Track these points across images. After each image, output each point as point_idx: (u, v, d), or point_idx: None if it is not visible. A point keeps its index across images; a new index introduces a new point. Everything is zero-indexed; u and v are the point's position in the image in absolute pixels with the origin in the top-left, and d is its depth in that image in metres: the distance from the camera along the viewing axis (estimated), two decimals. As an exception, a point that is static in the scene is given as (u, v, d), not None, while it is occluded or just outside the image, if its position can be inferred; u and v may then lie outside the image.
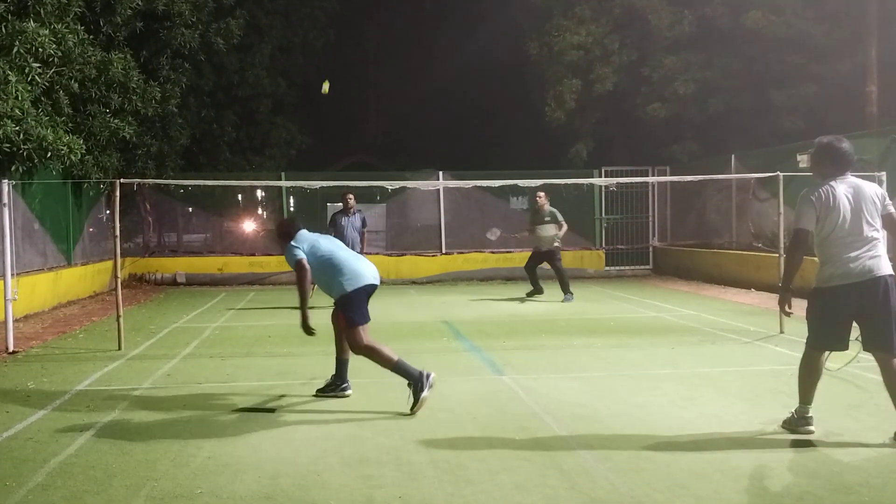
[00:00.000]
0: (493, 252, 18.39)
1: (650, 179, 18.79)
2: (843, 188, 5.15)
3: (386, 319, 11.55)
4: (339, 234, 12.57)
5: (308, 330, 6.18)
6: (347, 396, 6.54)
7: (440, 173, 18.49)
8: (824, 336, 5.22)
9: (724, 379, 7.13)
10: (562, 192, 18.96)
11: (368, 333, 6.20)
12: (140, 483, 4.52)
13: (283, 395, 6.64)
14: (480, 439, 5.34)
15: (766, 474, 4.59)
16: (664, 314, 11.98)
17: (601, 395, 6.60)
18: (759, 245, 15.28)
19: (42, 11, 11.32)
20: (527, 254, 15.14)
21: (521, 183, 14.09)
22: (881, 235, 5.18)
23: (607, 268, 19.31)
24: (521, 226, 14.70)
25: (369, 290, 6.29)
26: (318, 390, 6.65)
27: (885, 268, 5.10)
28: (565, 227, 14.08)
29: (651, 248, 19.82)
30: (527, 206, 21.14)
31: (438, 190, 18.34)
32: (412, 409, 5.94)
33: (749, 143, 17.77)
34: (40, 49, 10.96)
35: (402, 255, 18.42)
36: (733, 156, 16.76)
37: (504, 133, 26.81)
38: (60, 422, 5.91)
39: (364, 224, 13.41)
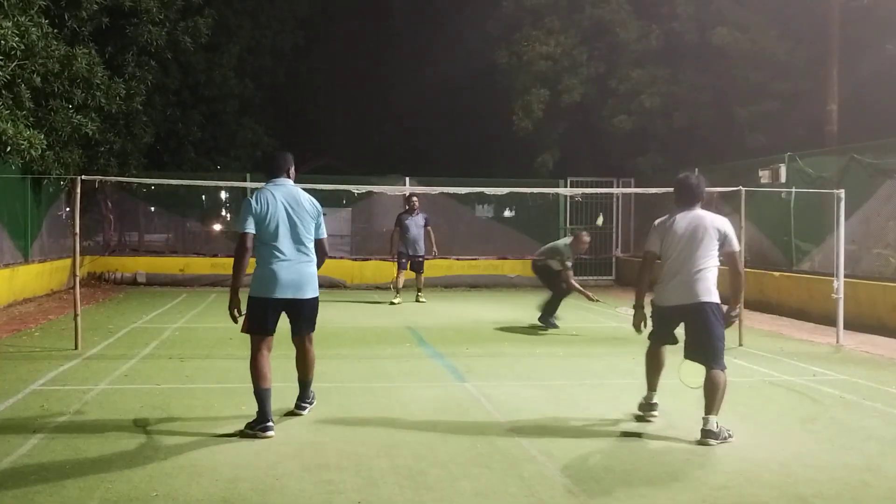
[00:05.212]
0: (457, 259, 18.41)
1: (615, 191, 18.95)
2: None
3: (350, 324, 11.51)
4: (404, 233, 14.23)
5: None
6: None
7: (407, 179, 18.49)
8: None
9: (683, 390, 7.19)
10: (528, 200, 19.12)
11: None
12: (94, 484, 4.44)
13: (242, 399, 6.55)
14: (441, 446, 5.33)
15: (724, 485, 4.64)
16: (626, 325, 12.04)
17: (562, 403, 6.64)
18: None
19: (5, 3, 11.11)
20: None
21: (487, 191, 14.15)
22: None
23: (571, 277, 19.35)
24: (483, 233, 14.81)
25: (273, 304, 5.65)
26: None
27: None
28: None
29: (614, 259, 19.97)
30: (492, 213, 21.26)
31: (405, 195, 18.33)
32: (242, 431, 5.53)
33: (712, 157, 17.99)
34: (2, 41, 10.76)
35: (367, 259, 18.36)
36: (696, 170, 16.95)
37: (473, 140, 26.86)
38: (13, 421, 5.79)
39: (427, 223, 14.53)
